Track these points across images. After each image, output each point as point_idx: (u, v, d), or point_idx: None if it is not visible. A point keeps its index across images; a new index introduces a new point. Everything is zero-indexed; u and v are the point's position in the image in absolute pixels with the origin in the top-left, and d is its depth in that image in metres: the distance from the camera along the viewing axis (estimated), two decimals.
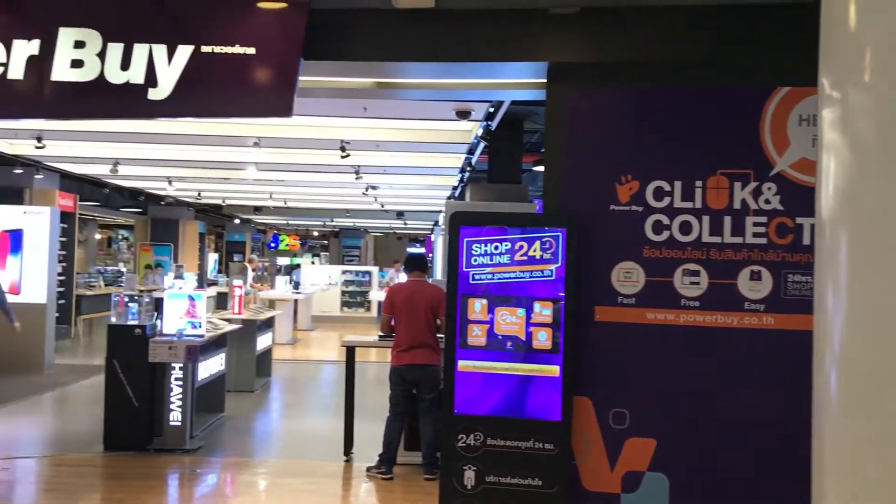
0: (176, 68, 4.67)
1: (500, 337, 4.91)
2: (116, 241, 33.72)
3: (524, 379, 4.88)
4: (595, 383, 4.92)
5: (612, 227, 4.92)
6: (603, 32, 5.06)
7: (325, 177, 13.50)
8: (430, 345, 6.10)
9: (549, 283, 4.85)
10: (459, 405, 4.96)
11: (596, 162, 5.00)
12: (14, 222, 10.87)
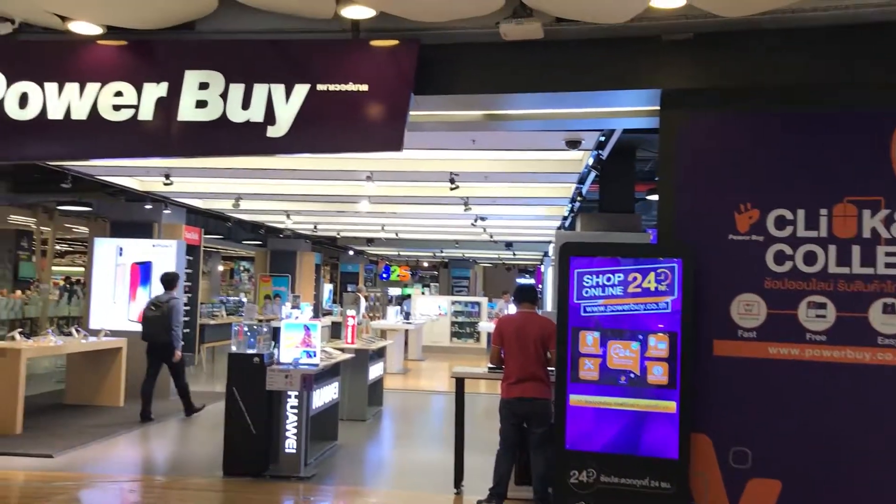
0: (293, 106, 4.84)
1: (613, 371, 4.79)
2: (238, 273, 35.15)
3: (639, 415, 4.73)
4: (714, 420, 4.72)
5: (731, 257, 4.74)
6: (718, 57, 4.93)
7: (434, 208, 13.66)
8: (540, 378, 6.01)
9: (664, 315, 4.70)
10: (571, 440, 4.85)
11: (713, 190, 4.85)
12: (144, 255, 11.48)
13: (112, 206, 13.16)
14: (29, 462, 7.26)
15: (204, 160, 8.72)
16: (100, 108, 4.98)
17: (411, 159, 9.20)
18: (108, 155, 5.68)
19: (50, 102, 5.00)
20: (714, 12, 4.60)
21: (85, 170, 10.37)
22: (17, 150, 5.27)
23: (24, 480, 6.82)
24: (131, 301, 11.38)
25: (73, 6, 4.83)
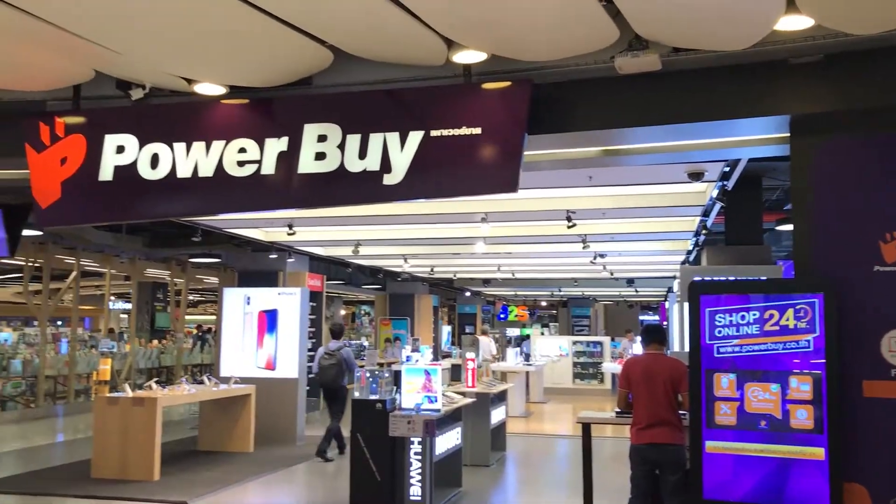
0: (408, 154, 4.86)
1: (752, 415, 4.49)
2: (359, 316, 35.85)
3: (783, 462, 4.40)
4: (869, 468, 4.33)
5: (879, 290, 4.38)
6: (850, 77, 4.63)
7: (551, 247, 13.49)
8: (671, 422, 5.71)
9: (806, 354, 4.38)
10: (710, 489, 4.56)
11: (853, 218, 4.51)
12: (270, 303, 11.84)
13: (239, 256, 13.71)
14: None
15: (324, 209, 8.94)
16: (225, 164, 5.16)
17: (527, 199, 9.12)
18: (234, 209, 5.89)
19: (179, 162, 5.22)
20: (845, 31, 4.33)
21: (213, 223, 10.84)
22: (151, 209, 5.53)
23: None
24: (259, 348, 11.72)
25: (197, 69, 5.05)
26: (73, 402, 15.85)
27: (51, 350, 16.39)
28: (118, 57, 4.75)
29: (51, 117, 5.41)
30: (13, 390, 15.12)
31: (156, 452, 8.66)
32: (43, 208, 5.45)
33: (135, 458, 8.63)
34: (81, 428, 13.19)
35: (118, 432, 8.72)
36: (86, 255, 16.14)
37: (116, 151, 5.33)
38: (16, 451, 11.59)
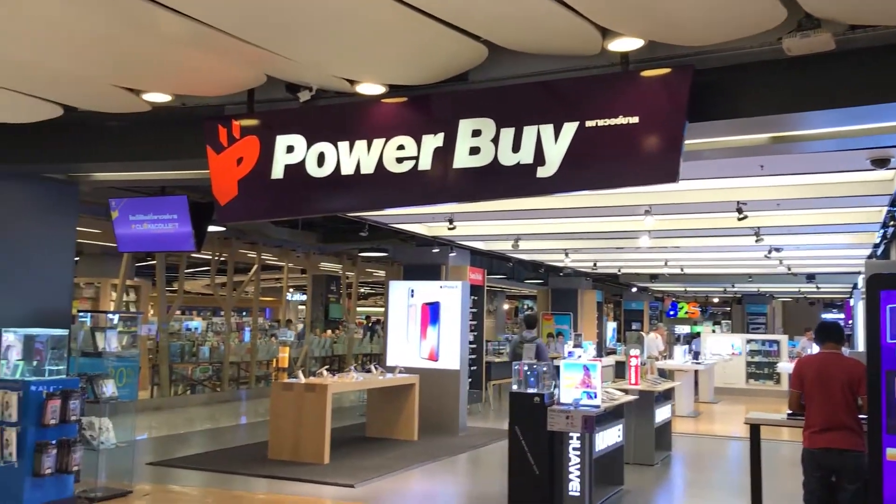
0: (562, 145, 4.82)
1: None
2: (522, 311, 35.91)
3: None
4: None
5: None
6: None
7: (721, 240, 12.91)
8: (849, 427, 5.31)
9: None
10: (891, 501, 4.21)
11: None
12: (433, 296, 12.12)
13: (404, 251, 14.12)
14: (333, 491, 7.86)
15: (483, 204, 9.02)
16: (385, 161, 5.34)
17: (692, 190, 8.78)
18: (393, 204, 6.07)
19: (343, 159, 5.45)
20: None
21: (379, 219, 11.22)
22: (317, 205, 5.82)
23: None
24: (422, 339, 12.02)
25: (359, 70, 5.25)
26: (254, 387, 16.95)
27: (235, 338, 17.59)
28: (288, 62, 5.02)
29: (228, 120, 5.80)
30: (202, 375, 16.38)
31: (326, 437, 9.09)
32: (222, 205, 5.87)
33: (307, 441, 9.11)
34: (261, 412, 14.07)
35: (292, 417, 9.24)
36: (266, 249, 17.21)
37: (286, 151, 5.64)
38: (204, 431, 12.55)
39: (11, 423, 6.45)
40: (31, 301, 7.11)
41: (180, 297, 17.02)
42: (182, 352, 15.94)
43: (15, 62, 4.96)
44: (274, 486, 8.10)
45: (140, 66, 5.10)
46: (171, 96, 5.67)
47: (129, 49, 4.76)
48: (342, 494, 7.73)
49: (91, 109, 6.06)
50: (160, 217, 8.39)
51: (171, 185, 8.46)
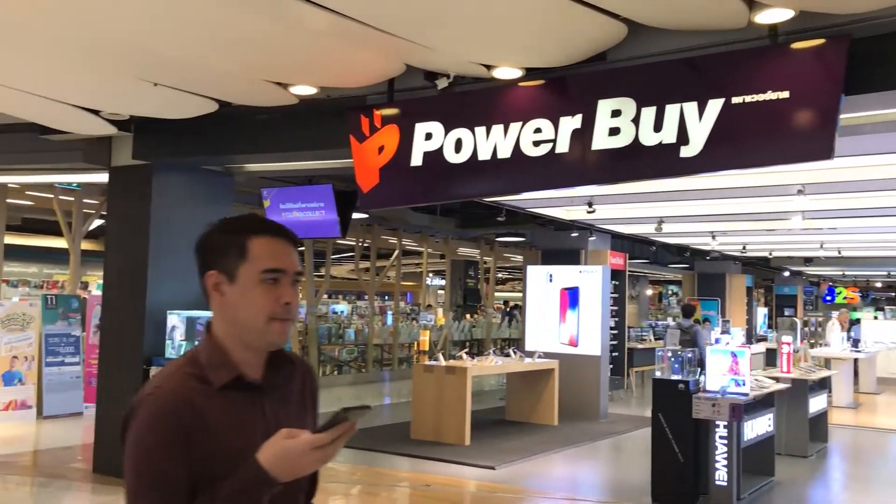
0: (707, 123, 4.64)
1: None
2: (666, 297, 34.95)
3: None
4: None
5: None
6: None
7: (883, 221, 12.05)
8: None
9: None
10: None
11: None
12: (571, 280, 12.02)
13: (542, 235, 14.05)
14: (475, 472, 7.99)
15: (624, 186, 8.83)
16: (522, 145, 5.33)
17: (850, 167, 8.23)
18: (531, 188, 6.05)
19: (480, 145, 5.49)
20: None
21: (517, 203, 11.21)
22: (455, 191, 5.88)
23: (470, 489, 7.51)
24: (561, 324, 11.95)
25: (496, 55, 5.26)
26: (396, 369, 17.43)
27: (378, 321, 18.13)
28: (427, 51, 5.10)
29: (370, 110, 5.96)
30: (348, 356, 16.99)
31: (467, 419, 9.24)
32: (364, 193, 6.05)
33: (448, 422, 9.29)
34: (403, 393, 14.45)
35: (433, 398, 9.45)
36: (406, 235, 17.61)
37: (425, 138, 5.73)
38: None
39: None
40: (193, 285, 7.56)
41: (327, 282, 17.70)
42: (329, 334, 16.60)
43: (175, 61, 5.30)
44: (417, 465, 8.32)
45: (288, 60, 5.33)
46: (317, 89, 5.89)
47: (278, 45, 4.98)
48: (483, 475, 7.84)
49: (243, 104, 6.39)
50: (308, 205, 8.76)
51: (318, 174, 8.79)
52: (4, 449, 8.97)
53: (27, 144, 7.80)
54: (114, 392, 7.50)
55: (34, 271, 22.99)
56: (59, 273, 22.19)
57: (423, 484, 7.46)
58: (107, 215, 7.97)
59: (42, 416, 10.60)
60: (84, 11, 4.44)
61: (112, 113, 6.67)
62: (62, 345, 11.09)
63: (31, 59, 5.31)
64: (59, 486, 7.25)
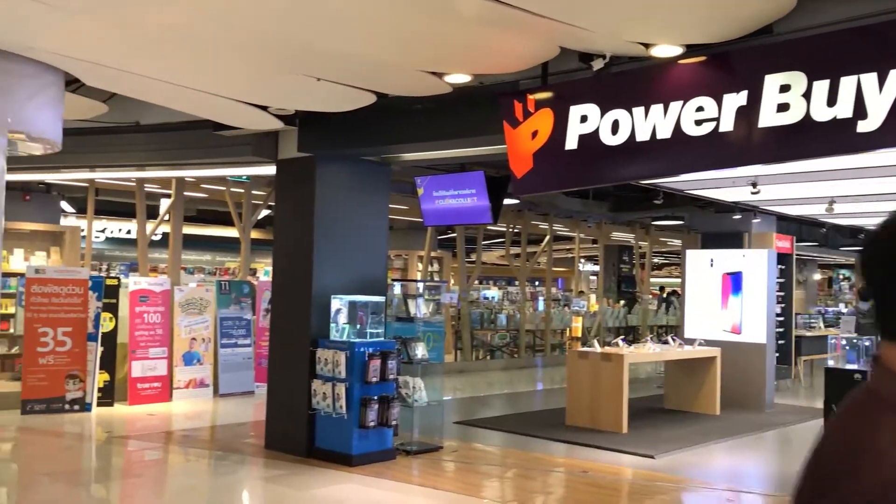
0: (888, 96, 4.31)
1: None
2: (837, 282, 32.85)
3: None
4: None
5: None
6: None
7: None
8: None
9: None
10: None
11: None
12: (734, 265, 11.51)
13: (702, 218, 13.55)
14: (633, 460, 7.85)
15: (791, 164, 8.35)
16: (682, 124, 5.15)
17: None
18: (692, 168, 5.85)
19: (638, 125, 5.35)
20: None
21: (675, 185, 10.86)
22: (612, 173, 5.78)
23: (628, 476, 7.39)
24: (723, 311, 11.49)
25: (655, 33, 5.11)
26: (549, 355, 17.38)
27: (529, 307, 18.14)
28: (582, 32, 5.03)
29: (523, 95, 5.95)
30: (500, 341, 17.12)
31: (623, 406, 9.08)
32: (518, 178, 6.05)
33: (604, 410, 9.18)
34: (556, 379, 14.41)
35: (589, 385, 9.35)
36: (557, 220, 17.48)
37: (580, 121, 5.66)
38: (503, 394, 13.14)
39: (341, 379, 7.27)
40: (353, 271, 7.91)
41: (478, 268, 17.89)
42: (481, 319, 16.78)
43: (337, 56, 5.50)
44: (572, 451, 8.28)
45: (444, 50, 5.41)
46: (471, 76, 5.94)
47: (433, 35, 5.07)
48: (642, 464, 7.69)
49: (400, 95, 6.56)
50: (460, 192, 8.88)
51: (469, 161, 8.88)
52: (187, 424, 9.72)
53: (203, 141, 8.37)
54: (283, 373, 7.94)
55: (208, 259, 24.64)
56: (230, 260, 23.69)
57: (581, 470, 7.41)
58: (274, 205, 8.42)
59: (218, 394, 11.38)
60: (254, 16, 4.69)
61: (279, 108, 7.03)
62: (235, 327, 11.84)
63: (206, 62, 5.69)
64: (234, 460, 7.76)
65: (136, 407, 10.38)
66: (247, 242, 13.35)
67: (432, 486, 6.69)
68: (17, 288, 11.74)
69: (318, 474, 7.01)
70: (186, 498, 6.67)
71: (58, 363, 9.86)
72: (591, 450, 8.23)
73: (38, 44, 5.31)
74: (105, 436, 8.94)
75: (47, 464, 7.60)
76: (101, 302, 10.39)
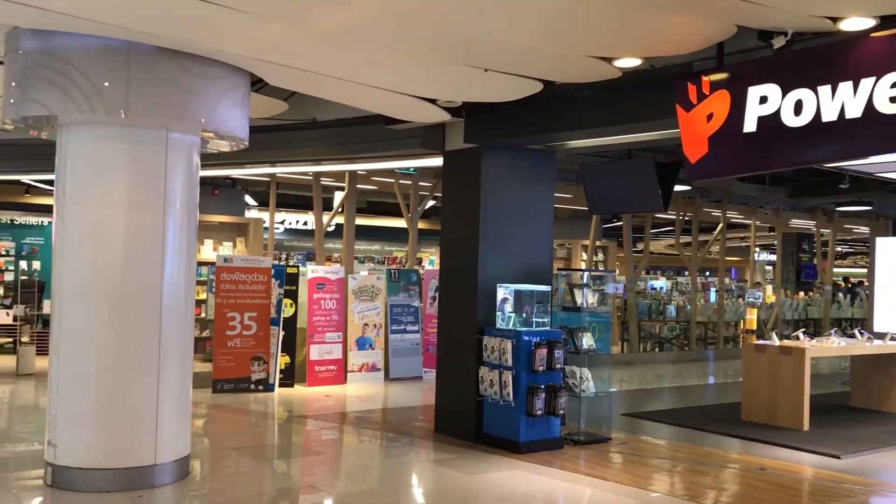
0: None
1: None
2: None
3: None
4: None
5: None
6: None
7: None
8: None
9: None
10: None
11: None
12: None
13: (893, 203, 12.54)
14: (815, 459, 7.41)
15: None
16: (875, 103, 4.78)
17: None
18: (885, 150, 5.40)
19: (823, 105, 5.02)
20: None
21: (863, 168, 10.11)
22: (794, 157, 5.46)
23: (810, 476, 6.99)
24: None
25: (843, 4, 4.76)
26: (721, 348, 16.70)
27: (700, 298, 17.50)
28: (761, 8, 4.78)
29: (697, 77, 5.73)
30: (669, 333, 16.63)
31: (805, 403, 8.60)
32: (692, 164, 5.84)
33: (783, 405, 8.73)
34: (730, 373, 13.84)
35: (766, 379, 8.92)
36: (731, 207, 16.74)
37: (759, 102, 5.38)
38: (672, 387, 12.79)
39: (508, 367, 7.33)
40: (518, 260, 7.95)
41: (646, 257, 17.45)
42: (649, 310, 16.37)
43: (505, 47, 5.54)
44: (748, 447, 7.93)
45: (613, 34, 5.31)
46: (641, 60, 5.79)
47: (603, 19, 4.99)
48: (826, 464, 7.25)
49: (566, 82, 6.50)
50: (628, 179, 8.70)
51: (637, 147, 8.67)
52: (360, 406, 10.15)
53: (374, 135, 8.69)
54: (451, 359, 8.12)
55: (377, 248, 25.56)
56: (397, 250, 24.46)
57: (758, 467, 7.09)
58: (442, 196, 8.59)
59: (389, 379, 11.80)
60: (428, 10, 4.81)
61: (447, 101, 7.17)
62: (404, 314, 12.23)
63: (382, 58, 5.89)
64: (404, 442, 8.02)
65: (313, 388, 10.96)
66: (414, 232, 13.72)
67: (601, 477, 6.63)
68: (207, 276, 12.73)
69: (487, 460, 7.12)
70: (362, 476, 6.98)
71: (244, 346, 10.59)
72: (768, 447, 7.85)
73: (228, 47, 5.70)
74: (286, 415, 9.50)
75: (235, 439, 8.18)
76: (282, 289, 11.05)
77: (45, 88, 5.56)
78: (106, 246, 5.85)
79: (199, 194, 6.40)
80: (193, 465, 6.58)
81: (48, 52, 5.55)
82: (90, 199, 5.87)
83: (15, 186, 16.05)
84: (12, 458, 7.18)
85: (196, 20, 5.07)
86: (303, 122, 9.13)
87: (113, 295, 5.83)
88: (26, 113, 5.70)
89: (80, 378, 5.85)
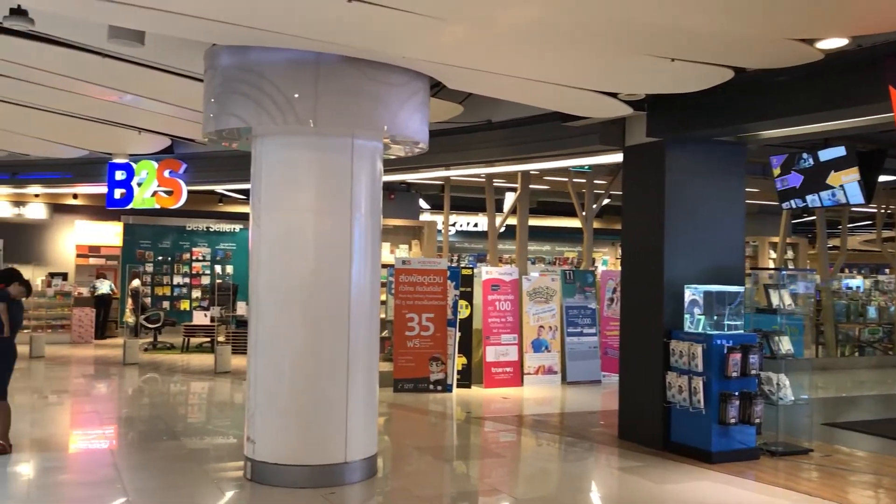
0: None
1: None
2: None
3: None
4: None
5: None
6: None
7: None
8: None
9: None
10: None
11: None
12: None
13: None
14: None
15: None
16: None
17: None
18: None
19: None
20: None
21: None
22: None
23: None
24: None
25: None
26: None
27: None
28: None
29: None
30: (871, 336, 15.31)
31: None
32: None
33: None
34: None
35: None
36: None
37: None
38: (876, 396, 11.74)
39: (698, 372, 6.96)
40: (707, 259, 7.53)
41: (843, 255, 16.18)
42: (847, 311, 15.15)
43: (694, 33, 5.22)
44: None
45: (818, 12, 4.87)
46: (848, 39, 5.30)
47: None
48: None
49: (761, 68, 6.07)
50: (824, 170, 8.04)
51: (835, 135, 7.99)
52: (538, 408, 10.03)
53: (550, 133, 8.54)
54: (635, 363, 7.82)
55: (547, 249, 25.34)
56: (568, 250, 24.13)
57: None
58: (623, 194, 8.31)
59: (565, 382, 11.60)
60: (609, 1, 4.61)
61: (629, 94, 6.91)
62: (580, 316, 11.98)
63: (561, 53, 5.74)
64: (584, 447, 7.81)
65: (490, 390, 10.96)
66: (589, 232, 13.44)
67: (802, 491, 6.14)
68: (386, 277, 13.07)
69: (675, 469, 6.79)
70: (543, 480, 6.85)
71: (422, 346, 10.76)
72: None
73: (412, 52, 5.75)
74: (464, 416, 9.54)
75: (416, 439, 8.29)
76: (458, 290, 11.13)
77: (241, 102, 5.85)
78: (297, 250, 6.08)
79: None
80: (379, 464, 6.71)
81: (244, 66, 5.84)
82: (283, 206, 6.12)
83: (209, 196, 17.24)
84: (211, 449, 7.65)
85: (384, 27, 5.14)
86: (478, 124, 9.14)
87: (305, 297, 6.05)
88: (224, 126, 6.02)
89: (275, 376, 6.11)
